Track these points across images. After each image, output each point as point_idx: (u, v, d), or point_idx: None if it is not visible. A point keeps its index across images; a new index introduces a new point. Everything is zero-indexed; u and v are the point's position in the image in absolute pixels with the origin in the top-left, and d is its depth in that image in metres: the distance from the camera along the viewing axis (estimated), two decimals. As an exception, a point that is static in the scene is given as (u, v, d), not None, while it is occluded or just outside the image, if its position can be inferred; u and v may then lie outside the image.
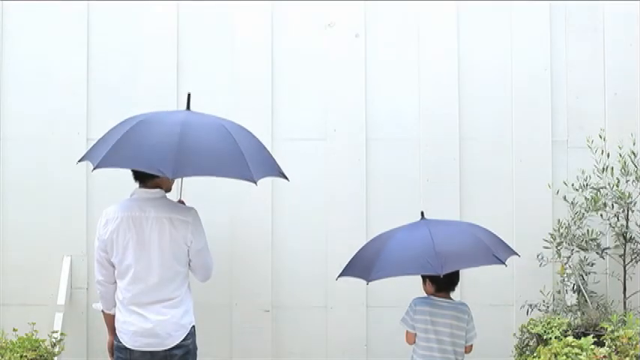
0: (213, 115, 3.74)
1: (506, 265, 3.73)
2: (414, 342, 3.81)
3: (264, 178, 3.69)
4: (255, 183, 3.49)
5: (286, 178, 3.82)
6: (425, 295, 3.87)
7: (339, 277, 3.89)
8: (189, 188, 4.05)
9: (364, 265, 3.72)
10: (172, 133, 3.45)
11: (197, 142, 3.48)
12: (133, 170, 3.65)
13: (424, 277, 3.85)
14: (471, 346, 3.83)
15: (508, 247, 3.81)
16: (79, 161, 3.78)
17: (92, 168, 3.51)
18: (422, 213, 3.88)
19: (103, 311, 3.72)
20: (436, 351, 3.74)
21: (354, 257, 3.87)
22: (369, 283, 3.68)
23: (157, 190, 3.64)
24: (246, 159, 3.48)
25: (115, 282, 3.62)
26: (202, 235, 3.65)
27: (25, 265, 4.39)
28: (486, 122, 4.59)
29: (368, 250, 3.81)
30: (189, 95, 3.77)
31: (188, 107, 3.75)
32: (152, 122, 3.58)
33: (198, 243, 3.62)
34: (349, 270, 3.85)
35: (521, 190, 4.54)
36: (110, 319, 3.68)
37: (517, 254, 3.82)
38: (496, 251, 3.69)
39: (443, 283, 3.80)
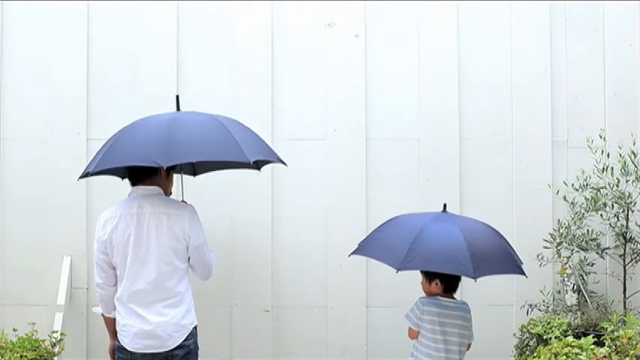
0: (205, 112, 3.76)
1: (526, 277, 3.77)
2: (417, 337, 3.78)
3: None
4: (250, 163, 3.51)
5: (284, 163, 3.82)
6: (424, 294, 3.85)
7: (351, 254, 3.86)
8: (191, 189, 4.05)
9: (392, 251, 3.62)
10: (162, 126, 3.51)
11: (186, 130, 3.53)
12: (129, 174, 3.70)
13: (431, 277, 3.80)
14: (470, 344, 3.83)
15: (517, 255, 3.81)
16: (80, 178, 3.78)
17: (91, 174, 3.59)
18: (444, 205, 3.86)
19: (103, 315, 3.72)
20: (443, 351, 3.72)
21: (373, 238, 3.81)
22: (398, 271, 3.57)
23: (154, 187, 3.65)
24: (238, 142, 3.50)
25: (115, 285, 3.62)
26: (201, 231, 3.65)
27: (25, 265, 4.39)
28: (486, 122, 4.59)
29: (393, 235, 3.73)
30: (177, 97, 3.79)
31: (178, 109, 3.77)
32: (142, 123, 3.64)
33: (196, 239, 3.62)
34: (369, 250, 3.79)
35: (521, 190, 4.54)
36: (111, 323, 3.67)
37: (521, 262, 3.82)
38: (517, 261, 3.71)
39: (452, 284, 3.79)
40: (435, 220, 3.73)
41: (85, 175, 3.70)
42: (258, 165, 4.03)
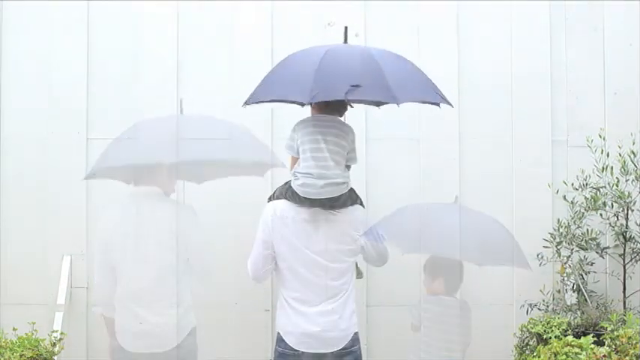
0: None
1: (532, 271, 3.83)
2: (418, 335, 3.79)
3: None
4: (249, 162, 3.66)
5: (284, 166, 3.85)
6: (427, 293, 3.85)
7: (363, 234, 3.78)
8: (192, 190, 4.07)
9: (403, 234, 3.71)
10: (165, 125, 3.64)
11: (191, 129, 3.62)
12: (129, 174, 3.73)
13: (435, 277, 3.80)
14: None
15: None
16: (85, 178, 3.89)
17: (93, 173, 3.71)
18: (456, 197, 3.89)
19: (103, 315, 3.72)
20: (444, 350, 3.73)
21: (383, 221, 3.81)
22: (403, 254, 3.62)
23: (155, 187, 3.68)
24: (240, 142, 3.63)
25: (115, 285, 3.63)
26: (199, 231, 3.68)
27: (25, 265, 4.38)
28: (486, 122, 4.59)
29: (400, 222, 3.78)
30: (181, 101, 3.81)
31: (181, 113, 3.82)
32: (145, 123, 3.76)
33: (194, 238, 3.65)
34: (385, 227, 3.79)
35: (521, 190, 4.54)
36: (111, 323, 3.68)
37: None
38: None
39: (454, 284, 3.79)
40: (444, 209, 3.83)
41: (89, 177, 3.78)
42: (262, 169, 4.07)
